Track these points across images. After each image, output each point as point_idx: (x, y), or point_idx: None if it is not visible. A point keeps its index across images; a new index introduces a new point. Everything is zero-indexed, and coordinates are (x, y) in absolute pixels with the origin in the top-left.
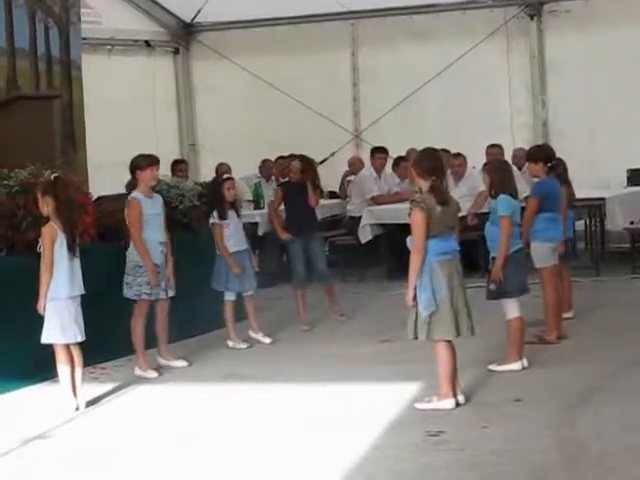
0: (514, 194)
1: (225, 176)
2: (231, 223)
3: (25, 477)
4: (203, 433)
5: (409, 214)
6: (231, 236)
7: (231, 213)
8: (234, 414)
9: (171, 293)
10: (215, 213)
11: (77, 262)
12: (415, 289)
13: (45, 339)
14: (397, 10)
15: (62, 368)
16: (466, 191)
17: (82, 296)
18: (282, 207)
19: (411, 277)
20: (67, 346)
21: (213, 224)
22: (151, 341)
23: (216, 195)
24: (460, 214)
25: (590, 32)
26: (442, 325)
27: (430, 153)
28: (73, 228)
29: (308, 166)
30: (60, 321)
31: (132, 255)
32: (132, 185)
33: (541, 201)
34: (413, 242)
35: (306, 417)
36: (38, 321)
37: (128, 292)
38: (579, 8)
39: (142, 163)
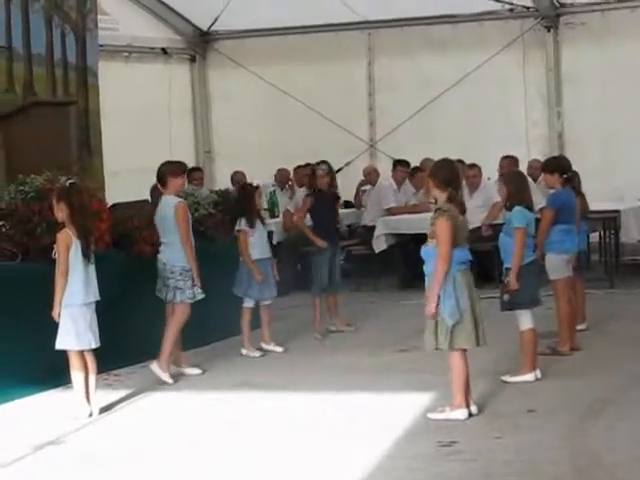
0: (530, 206)
1: (255, 184)
2: (256, 231)
3: None
4: (215, 440)
5: (432, 223)
6: (256, 244)
7: (257, 222)
8: (246, 422)
9: (199, 296)
10: (243, 221)
11: (92, 268)
12: (438, 299)
13: (59, 345)
14: (414, 20)
15: (76, 374)
16: (481, 202)
17: (96, 303)
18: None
19: (435, 286)
20: (81, 352)
21: (239, 231)
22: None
23: (247, 203)
24: (475, 225)
25: (606, 44)
26: (464, 334)
27: (447, 164)
28: (87, 235)
29: (333, 174)
30: (75, 327)
31: (176, 259)
32: (158, 191)
33: (556, 213)
34: (439, 251)
35: (318, 426)
36: (52, 327)
37: (181, 296)
38: (595, 20)
39: (176, 170)
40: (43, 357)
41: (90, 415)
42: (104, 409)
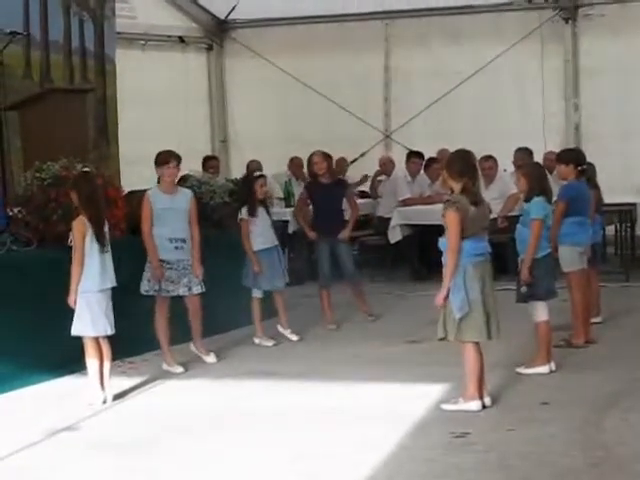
0: (549, 198)
1: (257, 173)
2: (260, 220)
3: (52, 468)
4: (229, 427)
5: (443, 215)
6: (259, 234)
7: (261, 210)
8: (260, 410)
9: (197, 289)
10: (244, 210)
11: (108, 256)
12: (447, 290)
13: (75, 332)
14: (431, 10)
15: (91, 361)
16: (497, 194)
17: (113, 290)
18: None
19: (446, 278)
20: (96, 339)
21: (241, 220)
22: (179, 336)
23: (247, 192)
24: (491, 217)
25: (624, 36)
26: (474, 327)
27: (462, 154)
28: (98, 223)
29: (330, 161)
30: (90, 314)
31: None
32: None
33: (569, 205)
34: (448, 242)
35: (332, 415)
36: (68, 313)
37: (141, 288)
38: (614, 12)
39: (159, 159)
40: (58, 343)
41: (104, 402)
42: (118, 396)
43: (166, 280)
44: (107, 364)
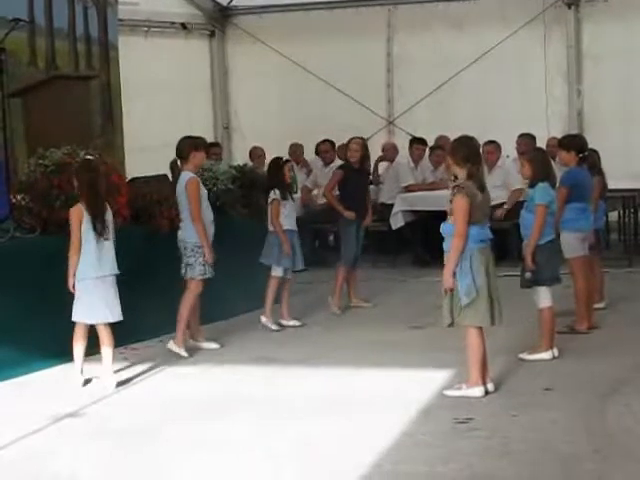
0: (553, 184)
1: (285, 158)
2: (287, 203)
3: (54, 454)
4: (232, 413)
5: (450, 200)
6: (287, 216)
7: (288, 194)
8: (263, 396)
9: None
10: (277, 191)
11: (108, 243)
12: (454, 275)
13: (75, 317)
14: None
15: (77, 345)
16: (499, 182)
17: (116, 276)
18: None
19: (451, 263)
20: (91, 326)
21: (273, 201)
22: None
23: (279, 175)
24: (493, 203)
25: (628, 22)
26: (480, 313)
27: (466, 141)
28: (96, 211)
29: (367, 152)
30: (89, 300)
31: (189, 236)
32: (177, 166)
33: (569, 191)
34: (456, 228)
35: (335, 401)
36: (70, 300)
37: (192, 272)
38: None
39: (197, 144)
40: (61, 330)
41: (85, 384)
42: (121, 382)
43: (208, 262)
44: (108, 350)
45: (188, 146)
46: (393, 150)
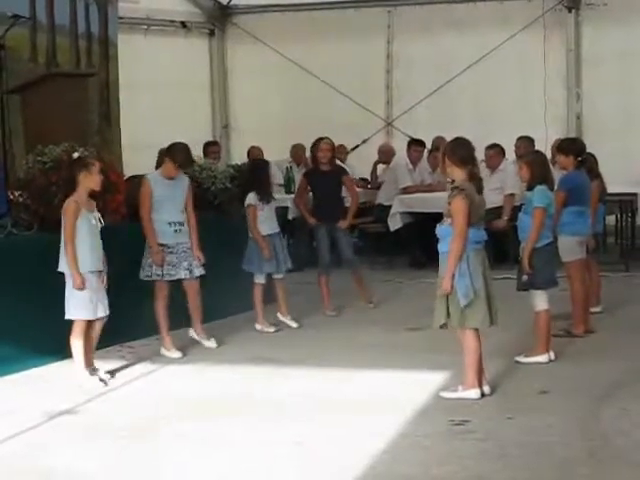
0: (551, 187)
1: (269, 160)
2: (266, 206)
3: (50, 452)
4: (228, 412)
5: (448, 202)
6: (265, 219)
7: (267, 196)
8: (259, 396)
9: (200, 271)
10: (253, 195)
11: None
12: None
13: (70, 315)
14: None
15: (76, 342)
16: (499, 184)
17: (112, 275)
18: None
19: (451, 264)
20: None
21: (249, 206)
22: (178, 321)
23: (261, 178)
24: (491, 206)
25: (628, 26)
26: (477, 314)
27: (463, 142)
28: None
29: (334, 151)
30: (89, 296)
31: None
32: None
33: (567, 194)
34: (455, 229)
35: (332, 402)
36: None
37: (141, 274)
38: (617, 1)
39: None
40: (58, 327)
41: (100, 380)
42: (117, 380)
43: (167, 264)
44: (93, 344)
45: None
46: (390, 152)
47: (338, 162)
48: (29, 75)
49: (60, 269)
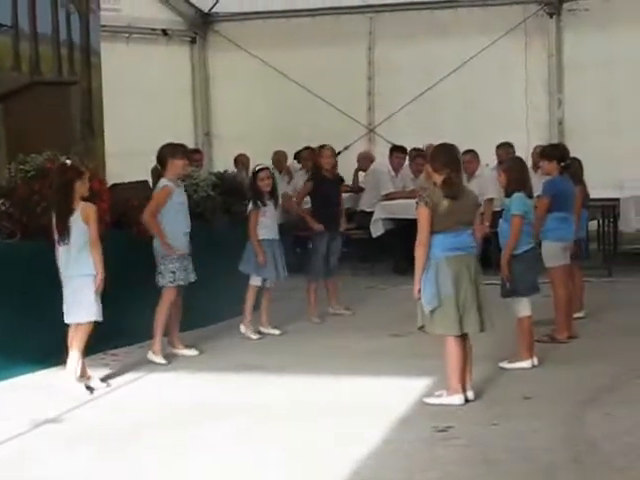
0: (529, 193)
1: (259, 167)
2: (268, 211)
3: (35, 459)
4: (211, 420)
5: (416, 209)
6: (266, 225)
7: (269, 202)
8: (243, 403)
9: (193, 277)
10: (253, 202)
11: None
12: (421, 283)
13: (87, 317)
14: (416, 5)
15: (77, 352)
16: (476, 190)
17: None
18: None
19: (416, 272)
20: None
21: (250, 212)
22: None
23: (252, 186)
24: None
25: (609, 31)
26: (445, 321)
27: (445, 147)
28: (57, 214)
29: (336, 158)
30: (92, 299)
31: (158, 244)
32: (158, 172)
33: (552, 200)
34: (417, 237)
35: (315, 409)
36: (52, 304)
37: (162, 280)
38: (598, 7)
39: (175, 152)
40: (43, 335)
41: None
42: (102, 388)
43: (184, 270)
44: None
45: (166, 154)
46: (367, 159)
47: None
48: (12, 84)
49: (70, 273)
